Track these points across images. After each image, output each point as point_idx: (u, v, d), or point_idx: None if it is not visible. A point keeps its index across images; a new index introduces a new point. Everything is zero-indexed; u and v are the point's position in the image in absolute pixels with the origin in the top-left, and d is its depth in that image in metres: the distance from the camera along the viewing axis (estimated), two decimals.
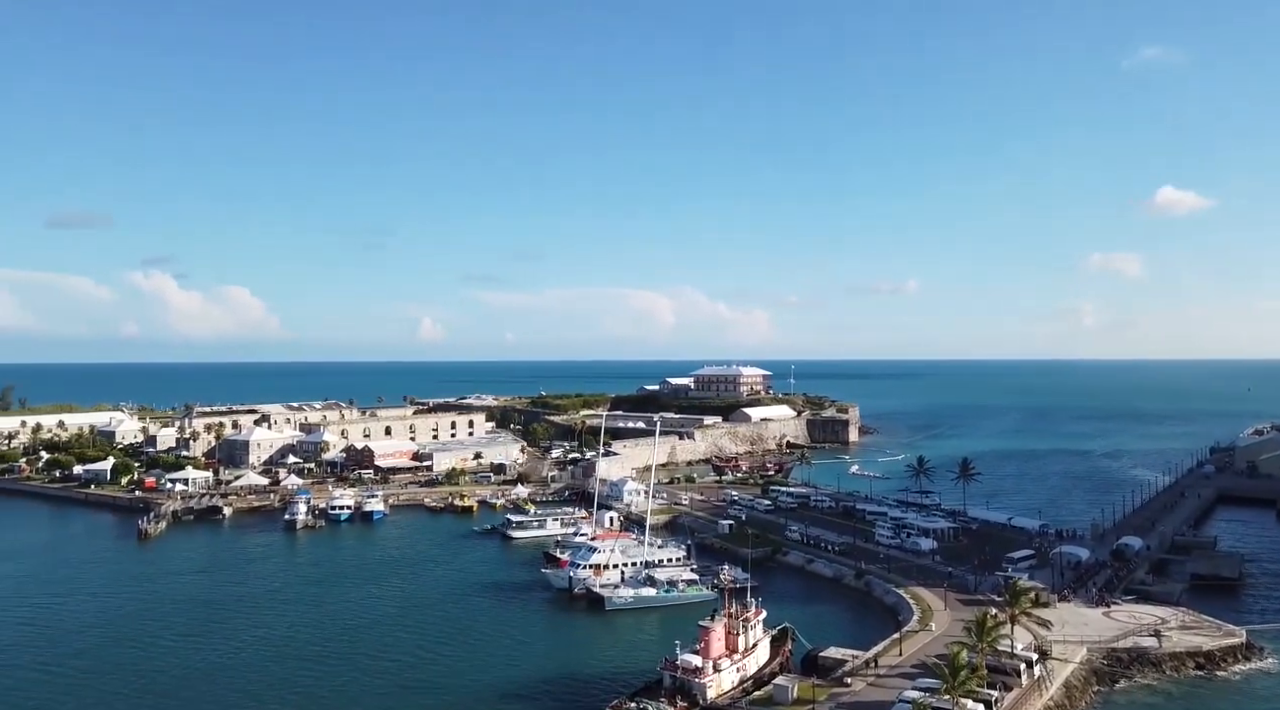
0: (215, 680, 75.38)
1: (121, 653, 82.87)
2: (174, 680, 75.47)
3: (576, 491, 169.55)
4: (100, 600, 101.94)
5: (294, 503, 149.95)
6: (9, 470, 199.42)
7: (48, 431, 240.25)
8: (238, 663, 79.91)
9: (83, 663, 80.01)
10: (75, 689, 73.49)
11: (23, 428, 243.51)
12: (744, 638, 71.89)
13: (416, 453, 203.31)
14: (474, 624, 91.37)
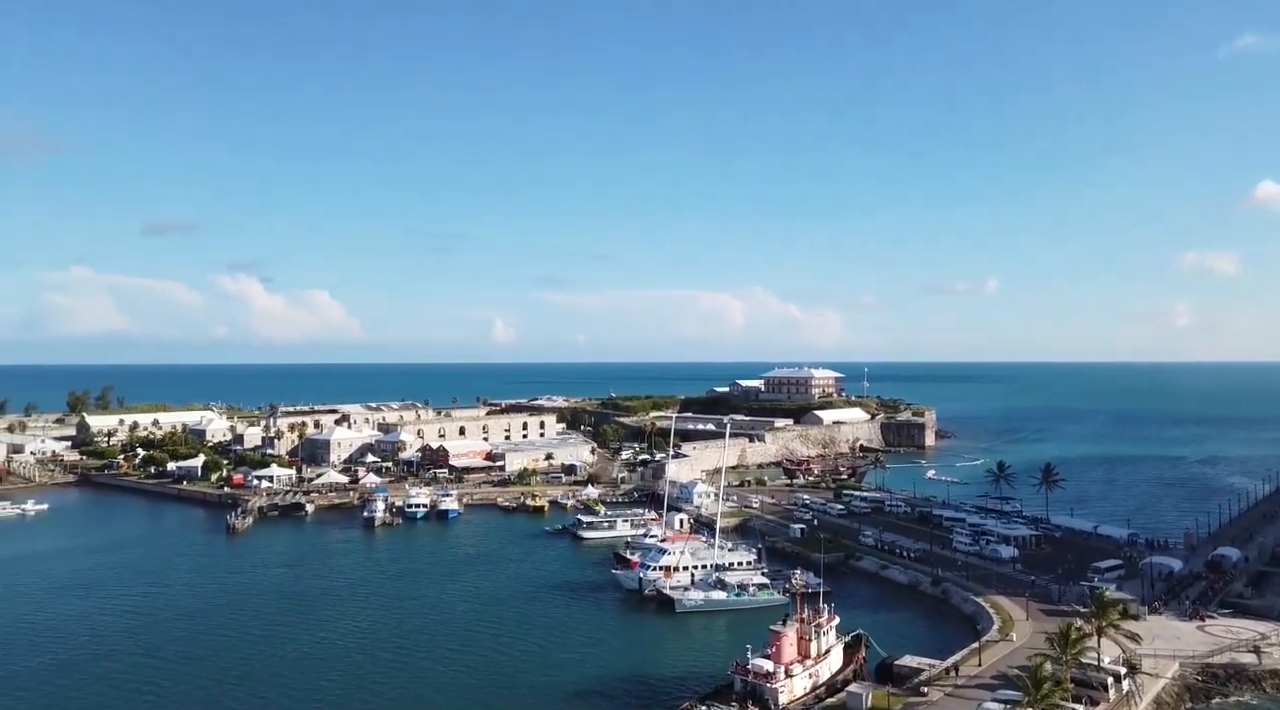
0: (302, 670, 78.04)
1: (215, 641, 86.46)
2: (264, 669, 78.39)
3: (646, 493, 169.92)
4: (193, 591, 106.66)
5: (373, 501, 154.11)
6: (109, 466, 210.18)
7: (143, 430, 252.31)
8: (323, 653, 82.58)
9: (179, 650, 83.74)
10: (173, 674, 76.96)
11: (121, 426, 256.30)
12: (816, 643, 70.91)
13: (489, 453, 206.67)
14: (546, 622, 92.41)
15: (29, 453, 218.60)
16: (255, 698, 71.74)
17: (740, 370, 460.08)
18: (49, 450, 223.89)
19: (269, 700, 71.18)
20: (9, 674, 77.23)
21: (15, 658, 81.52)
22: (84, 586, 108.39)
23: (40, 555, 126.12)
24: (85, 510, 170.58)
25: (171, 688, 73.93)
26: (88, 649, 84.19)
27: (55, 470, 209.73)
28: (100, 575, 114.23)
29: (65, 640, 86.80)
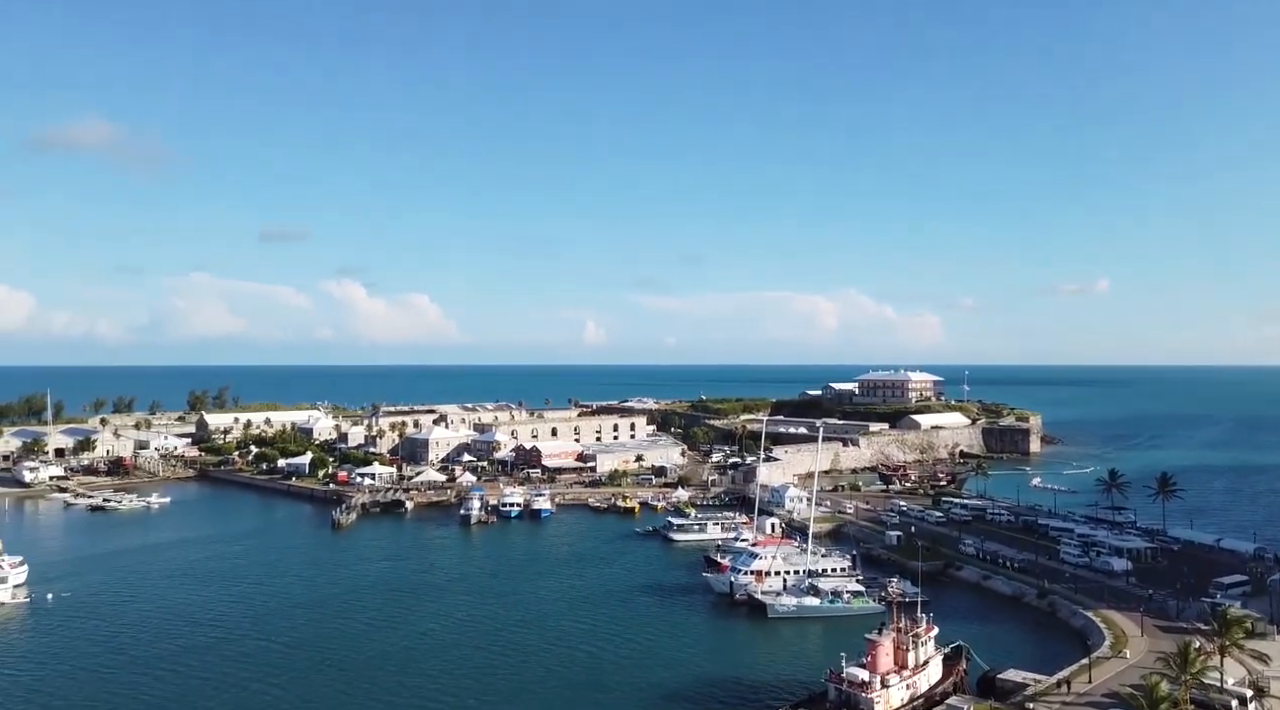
0: (405, 661, 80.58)
1: (324, 630, 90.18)
2: (369, 659, 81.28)
3: (737, 496, 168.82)
4: (303, 582, 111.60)
5: (469, 499, 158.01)
6: (225, 462, 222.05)
7: (256, 427, 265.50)
8: (424, 646, 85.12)
9: (292, 637, 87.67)
10: (287, 660, 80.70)
11: (236, 424, 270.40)
12: (914, 654, 68.93)
13: (581, 454, 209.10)
14: (637, 623, 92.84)
15: (153, 449, 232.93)
16: (362, 686, 74.42)
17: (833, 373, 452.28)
18: (171, 447, 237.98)
19: (374, 690, 73.66)
20: (145, 656, 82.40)
21: (148, 641, 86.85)
22: (204, 575, 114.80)
23: (164, 545, 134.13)
24: (203, 504, 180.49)
25: (286, 673, 77.50)
26: (210, 634, 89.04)
27: (176, 465, 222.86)
28: (218, 565, 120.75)
29: (190, 625, 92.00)
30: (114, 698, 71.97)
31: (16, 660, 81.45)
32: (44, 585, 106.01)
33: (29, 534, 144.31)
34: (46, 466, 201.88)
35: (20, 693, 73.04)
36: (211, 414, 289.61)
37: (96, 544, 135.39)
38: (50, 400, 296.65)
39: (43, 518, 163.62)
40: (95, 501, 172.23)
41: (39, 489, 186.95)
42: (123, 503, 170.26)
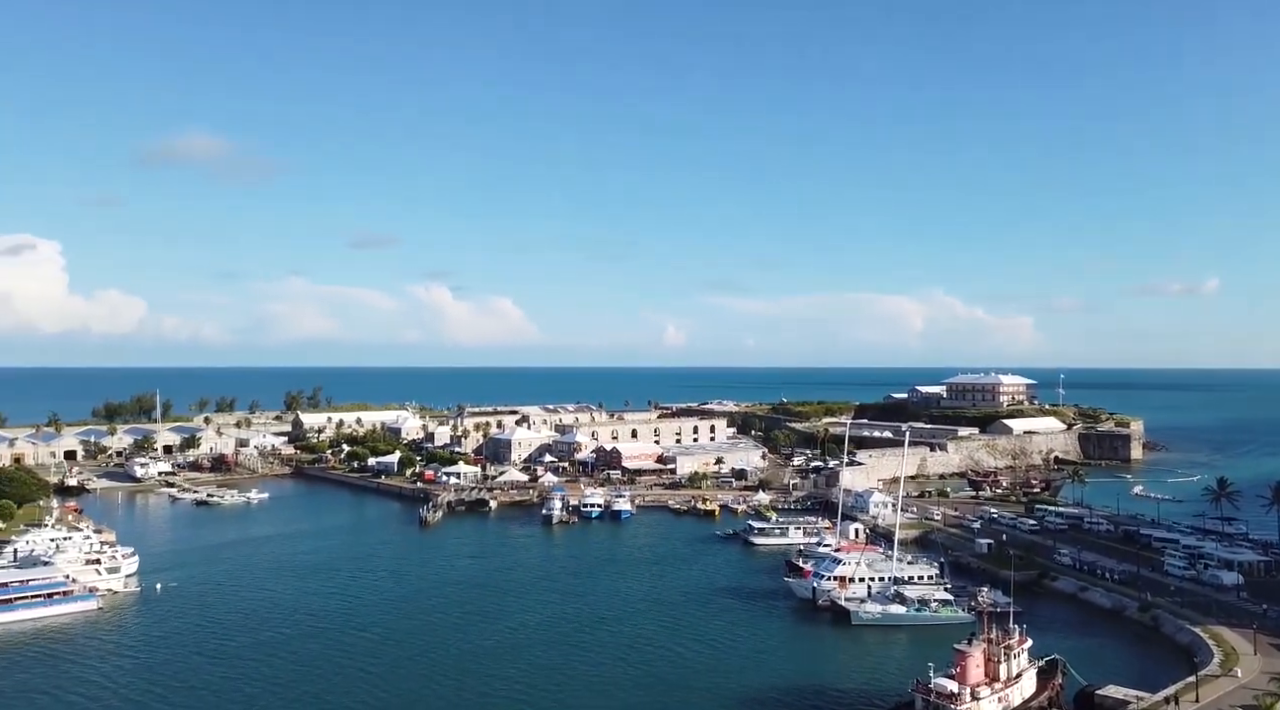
0: (492, 658, 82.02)
1: (413, 625, 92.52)
2: (457, 654, 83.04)
3: (819, 501, 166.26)
4: (393, 577, 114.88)
5: (551, 499, 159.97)
6: (319, 460, 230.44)
7: (347, 427, 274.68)
8: (509, 643, 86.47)
9: (383, 631, 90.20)
10: (378, 654, 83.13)
11: (329, 423, 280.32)
12: (1006, 666, 66.52)
13: (661, 455, 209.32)
14: (718, 626, 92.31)
15: (253, 447, 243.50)
16: (451, 679, 76.12)
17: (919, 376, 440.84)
18: (269, 445, 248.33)
19: (463, 684, 75.23)
20: (247, 644, 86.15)
21: (250, 630, 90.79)
22: (301, 568, 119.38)
23: (263, 539, 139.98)
24: (299, 500, 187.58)
25: (381, 665, 79.95)
26: (308, 625, 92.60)
27: (274, 463, 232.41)
28: (313, 559, 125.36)
29: (289, 616, 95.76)
30: (219, 683, 75.38)
31: (130, 646, 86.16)
32: (153, 575, 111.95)
33: (139, 526, 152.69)
34: (155, 462, 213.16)
35: (133, 677, 77.21)
36: (306, 413, 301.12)
37: (201, 537, 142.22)
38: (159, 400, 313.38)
39: (152, 511, 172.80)
40: (200, 496, 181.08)
41: (149, 484, 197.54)
42: (225, 498, 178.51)
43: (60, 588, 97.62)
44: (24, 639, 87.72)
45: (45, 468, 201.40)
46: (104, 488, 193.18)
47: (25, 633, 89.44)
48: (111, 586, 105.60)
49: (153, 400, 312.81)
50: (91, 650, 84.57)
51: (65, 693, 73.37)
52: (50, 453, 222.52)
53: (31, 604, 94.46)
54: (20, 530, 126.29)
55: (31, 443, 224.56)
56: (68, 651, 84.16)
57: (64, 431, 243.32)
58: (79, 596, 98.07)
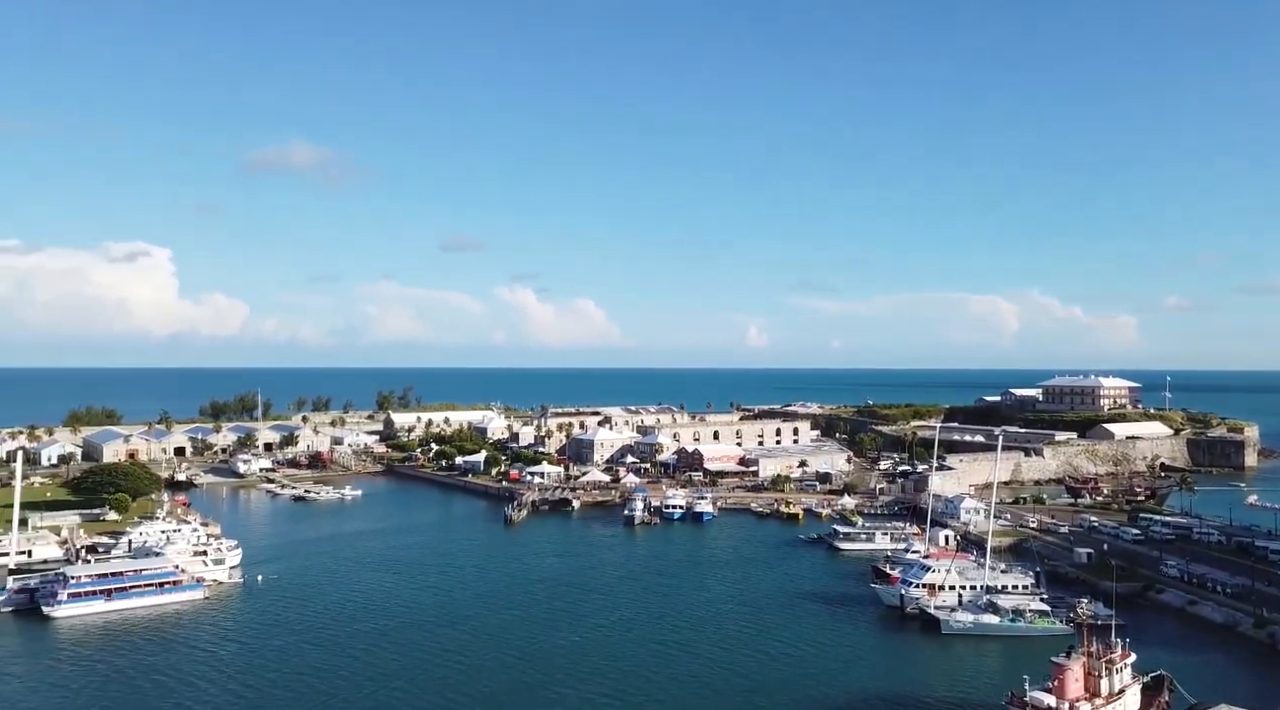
0: (577, 655, 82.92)
1: (502, 621, 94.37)
2: (545, 651, 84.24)
3: (907, 506, 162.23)
4: (481, 573, 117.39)
5: (633, 499, 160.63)
6: (409, 458, 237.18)
7: (436, 426, 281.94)
8: (594, 641, 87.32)
9: (473, 626, 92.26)
10: (469, 648, 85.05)
11: (418, 422, 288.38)
12: (1107, 681, 63.52)
13: (743, 458, 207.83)
14: (802, 631, 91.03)
15: (347, 445, 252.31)
16: (539, 675, 77.31)
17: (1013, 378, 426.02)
18: (362, 443, 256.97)
19: (550, 680, 76.22)
20: (344, 634, 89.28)
21: (346, 621, 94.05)
22: (392, 563, 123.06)
23: (357, 534, 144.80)
24: (390, 497, 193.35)
25: (472, 658, 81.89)
26: (400, 618, 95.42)
27: (366, 461, 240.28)
28: (404, 554, 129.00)
29: (382, 609, 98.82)
30: (320, 670, 78.32)
31: (235, 633, 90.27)
32: (255, 567, 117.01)
33: (242, 520, 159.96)
34: (257, 459, 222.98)
35: (240, 662, 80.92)
36: (397, 413, 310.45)
37: (298, 531, 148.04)
38: (260, 399, 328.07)
39: (253, 506, 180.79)
40: (297, 492, 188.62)
41: (251, 480, 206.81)
42: (320, 494, 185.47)
43: (171, 577, 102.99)
44: (140, 624, 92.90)
45: (157, 463, 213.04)
46: (210, 483, 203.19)
47: (140, 619, 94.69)
48: (217, 577, 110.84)
49: (254, 399, 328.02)
50: (201, 636, 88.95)
51: (182, 674, 77.47)
52: (161, 449, 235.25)
53: (145, 592, 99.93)
54: (135, 522, 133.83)
55: (145, 439, 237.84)
56: (180, 636, 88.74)
57: (174, 429, 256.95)
58: (187, 586, 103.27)
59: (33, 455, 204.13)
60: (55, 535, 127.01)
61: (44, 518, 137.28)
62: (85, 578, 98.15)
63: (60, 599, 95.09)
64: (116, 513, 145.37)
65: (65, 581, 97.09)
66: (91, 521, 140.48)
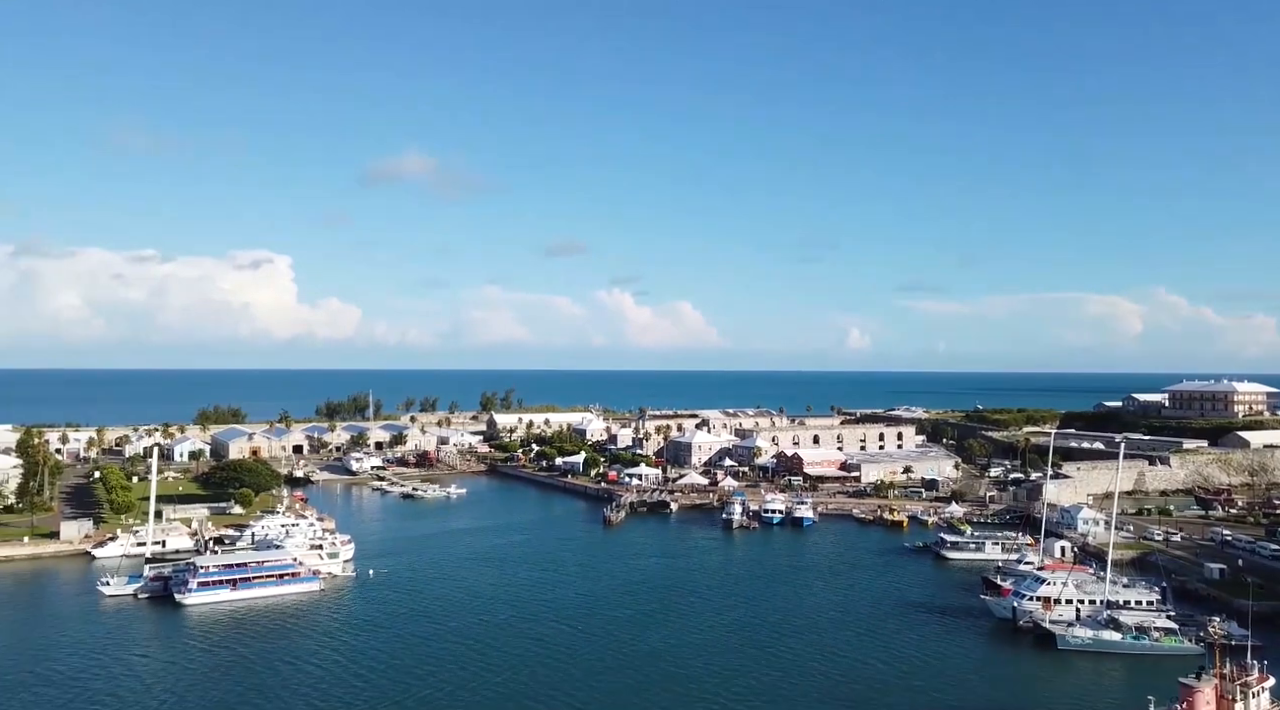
0: (677, 658, 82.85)
1: (604, 621, 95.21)
2: (645, 652, 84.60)
3: (1018, 515, 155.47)
4: (582, 572, 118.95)
5: (731, 503, 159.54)
6: (510, 458, 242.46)
7: (537, 427, 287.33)
8: (693, 644, 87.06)
9: (575, 625, 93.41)
10: (573, 645, 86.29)
11: (519, 423, 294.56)
12: (1242, 706, 59.14)
13: (844, 462, 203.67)
14: (908, 642, 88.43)
15: (452, 444, 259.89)
16: (640, 676, 77.80)
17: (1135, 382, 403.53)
18: (466, 443, 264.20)
19: (649, 681, 76.52)
20: (452, 629, 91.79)
21: (454, 616, 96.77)
22: (497, 560, 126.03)
23: (463, 531, 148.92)
24: (492, 496, 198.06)
25: (576, 656, 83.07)
26: (506, 613, 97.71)
27: (471, 460, 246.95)
28: (508, 552, 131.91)
29: (488, 605, 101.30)
30: (431, 662, 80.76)
31: (350, 625, 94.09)
32: (366, 561, 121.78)
33: (354, 516, 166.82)
34: (368, 458, 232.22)
35: (356, 652, 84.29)
36: (500, 414, 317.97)
37: (406, 528, 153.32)
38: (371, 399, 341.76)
39: (365, 502, 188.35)
40: (406, 490, 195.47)
41: (363, 477, 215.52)
42: (427, 492, 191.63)
43: (290, 570, 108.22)
44: (261, 613, 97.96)
45: (277, 460, 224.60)
46: (325, 479, 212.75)
47: (262, 608, 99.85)
48: (331, 570, 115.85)
49: (366, 400, 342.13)
50: (318, 626, 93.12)
51: (302, 661, 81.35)
52: (281, 447, 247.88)
53: (266, 583, 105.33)
54: (257, 516, 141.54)
55: (266, 438, 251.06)
56: (299, 626, 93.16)
57: (293, 427, 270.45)
58: (305, 578, 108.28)
59: (166, 451, 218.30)
60: (186, 527, 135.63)
61: (176, 510, 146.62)
62: (213, 568, 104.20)
63: (191, 587, 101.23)
64: (241, 507, 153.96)
65: (195, 571, 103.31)
66: (219, 514, 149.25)
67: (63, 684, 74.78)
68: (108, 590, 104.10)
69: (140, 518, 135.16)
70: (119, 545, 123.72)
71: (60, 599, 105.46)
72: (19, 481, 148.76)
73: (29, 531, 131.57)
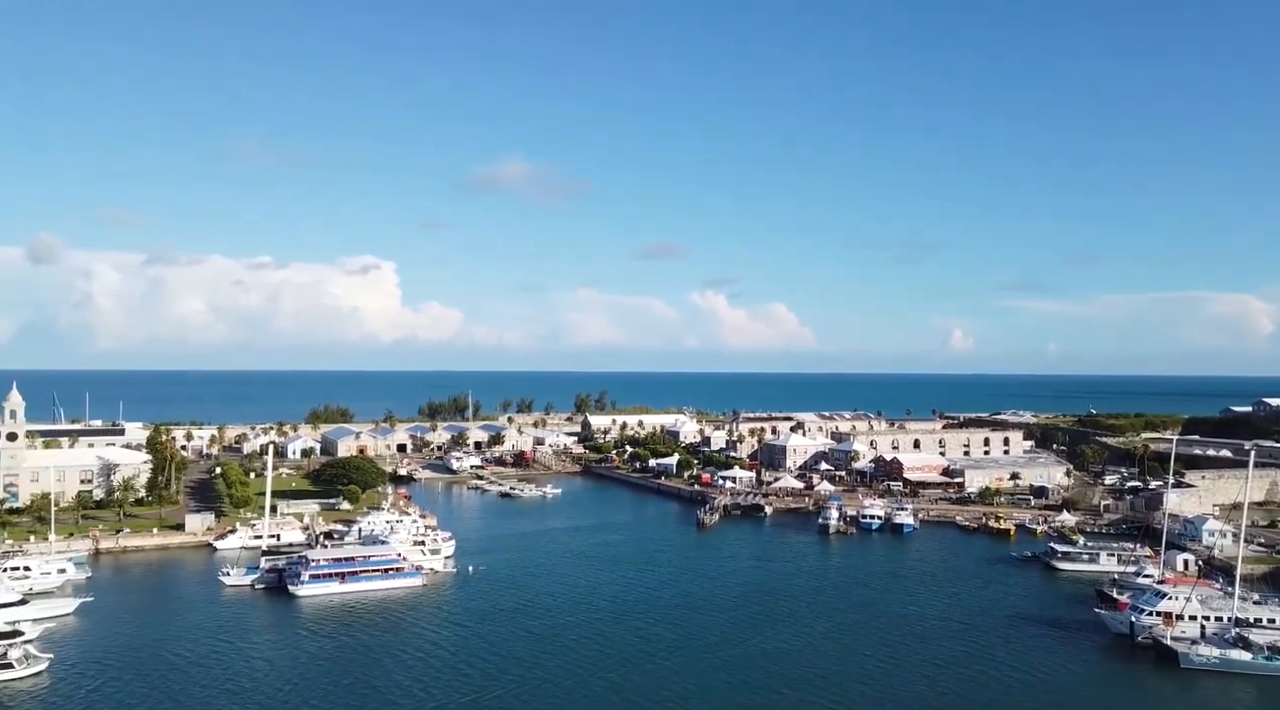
0: (786, 661, 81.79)
1: (703, 622, 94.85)
2: (751, 654, 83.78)
3: (1136, 525, 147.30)
4: (677, 572, 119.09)
5: (827, 508, 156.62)
6: (604, 460, 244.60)
7: (630, 429, 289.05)
8: (794, 649, 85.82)
9: (675, 626, 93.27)
10: (675, 647, 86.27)
11: (613, 425, 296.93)
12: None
13: (946, 468, 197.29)
14: (1018, 654, 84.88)
15: (548, 445, 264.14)
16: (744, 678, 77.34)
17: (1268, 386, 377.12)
18: (561, 443, 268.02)
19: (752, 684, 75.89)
20: (553, 626, 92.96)
21: (554, 614, 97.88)
22: (594, 560, 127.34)
23: (560, 531, 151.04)
24: (587, 496, 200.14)
25: (677, 657, 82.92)
26: (606, 612, 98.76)
27: (566, 461, 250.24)
28: (604, 552, 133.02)
29: (587, 603, 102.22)
30: (534, 658, 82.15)
31: (452, 620, 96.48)
32: (466, 558, 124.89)
33: (454, 514, 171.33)
34: (468, 457, 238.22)
35: (458, 647, 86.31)
36: (594, 415, 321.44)
37: (504, 526, 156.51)
38: (470, 400, 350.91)
39: (464, 500, 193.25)
40: (503, 489, 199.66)
41: (462, 476, 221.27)
42: (524, 492, 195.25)
43: (394, 565, 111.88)
44: (368, 606, 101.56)
45: (382, 458, 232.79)
46: (427, 478, 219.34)
47: (368, 601, 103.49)
48: (433, 566, 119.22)
49: (466, 400, 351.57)
50: (422, 620, 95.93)
51: (410, 652, 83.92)
52: (386, 445, 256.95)
53: (372, 577, 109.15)
54: (364, 512, 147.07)
55: (372, 436, 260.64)
56: (404, 619, 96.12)
57: (397, 427, 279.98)
58: (408, 573, 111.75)
59: (281, 449, 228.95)
60: (298, 521, 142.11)
61: (289, 505, 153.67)
62: (324, 561, 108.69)
63: (303, 579, 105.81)
64: (349, 503, 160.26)
65: (307, 564, 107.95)
66: (328, 510, 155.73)
67: (185, 668, 79.20)
68: (228, 580, 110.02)
69: (257, 512, 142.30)
70: (238, 538, 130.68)
71: (185, 587, 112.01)
72: (149, 476, 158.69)
73: (158, 523, 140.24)
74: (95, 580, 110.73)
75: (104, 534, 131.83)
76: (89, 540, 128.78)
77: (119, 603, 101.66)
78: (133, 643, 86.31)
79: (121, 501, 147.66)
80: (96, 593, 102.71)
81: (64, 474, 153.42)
